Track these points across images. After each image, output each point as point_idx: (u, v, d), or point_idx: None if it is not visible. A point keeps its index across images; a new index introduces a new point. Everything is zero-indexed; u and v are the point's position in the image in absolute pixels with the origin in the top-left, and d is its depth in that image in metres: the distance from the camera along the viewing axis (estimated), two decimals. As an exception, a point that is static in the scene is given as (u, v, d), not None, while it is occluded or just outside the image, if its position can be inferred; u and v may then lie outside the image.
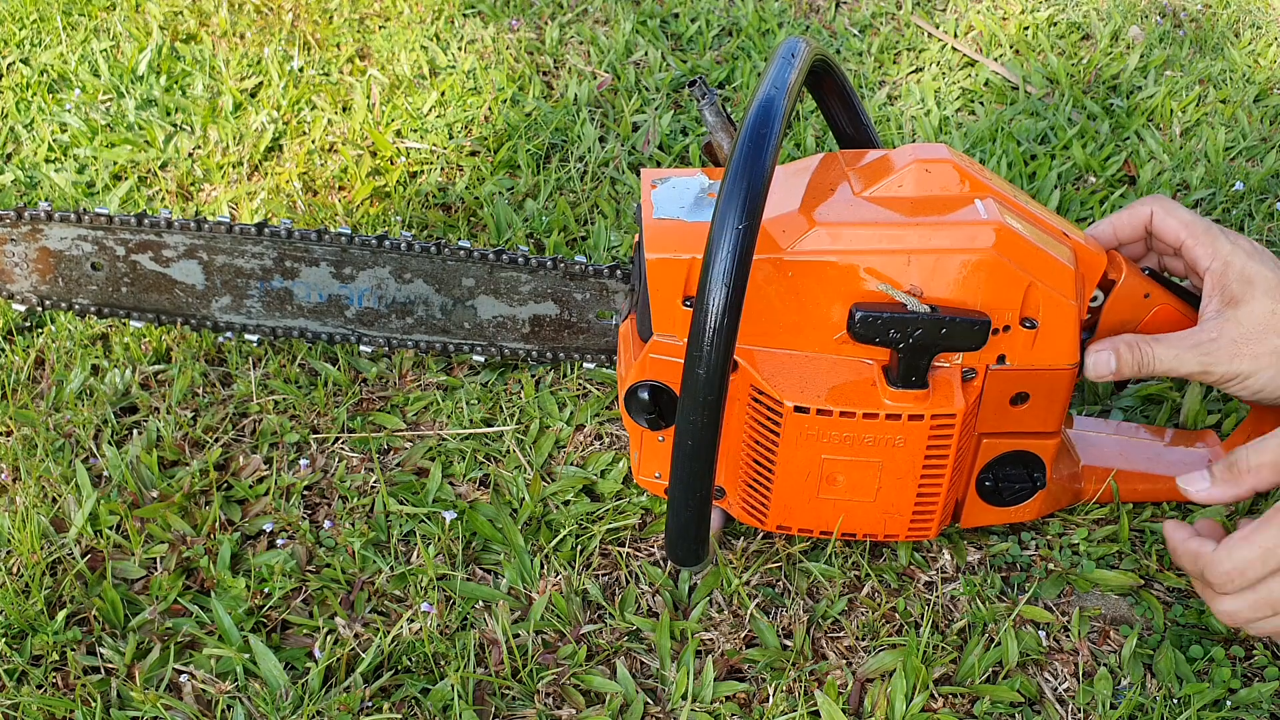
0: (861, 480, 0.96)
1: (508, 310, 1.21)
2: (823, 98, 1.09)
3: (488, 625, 1.00)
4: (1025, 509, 1.04)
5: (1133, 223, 1.01)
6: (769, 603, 1.03)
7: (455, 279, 1.20)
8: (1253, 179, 1.58)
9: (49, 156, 1.60)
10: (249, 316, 1.23)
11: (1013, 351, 0.94)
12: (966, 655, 0.97)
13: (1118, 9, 2.03)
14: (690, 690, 0.94)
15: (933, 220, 0.91)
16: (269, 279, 1.20)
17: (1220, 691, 0.95)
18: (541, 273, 1.19)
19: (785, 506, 0.98)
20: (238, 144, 1.62)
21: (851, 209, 0.93)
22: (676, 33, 1.95)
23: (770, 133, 0.82)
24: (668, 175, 1.02)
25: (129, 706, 0.93)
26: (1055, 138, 1.68)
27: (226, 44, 1.89)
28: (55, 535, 1.06)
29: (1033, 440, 1.00)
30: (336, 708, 0.92)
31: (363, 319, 1.23)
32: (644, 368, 0.96)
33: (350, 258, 1.19)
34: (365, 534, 1.07)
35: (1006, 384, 0.96)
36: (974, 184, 0.94)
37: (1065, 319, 0.93)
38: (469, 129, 1.68)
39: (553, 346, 1.23)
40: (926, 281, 0.91)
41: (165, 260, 1.20)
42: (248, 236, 1.19)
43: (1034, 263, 0.91)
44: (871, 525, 0.99)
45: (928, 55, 1.90)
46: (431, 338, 1.24)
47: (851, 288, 0.91)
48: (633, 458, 1.04)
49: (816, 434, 0.93)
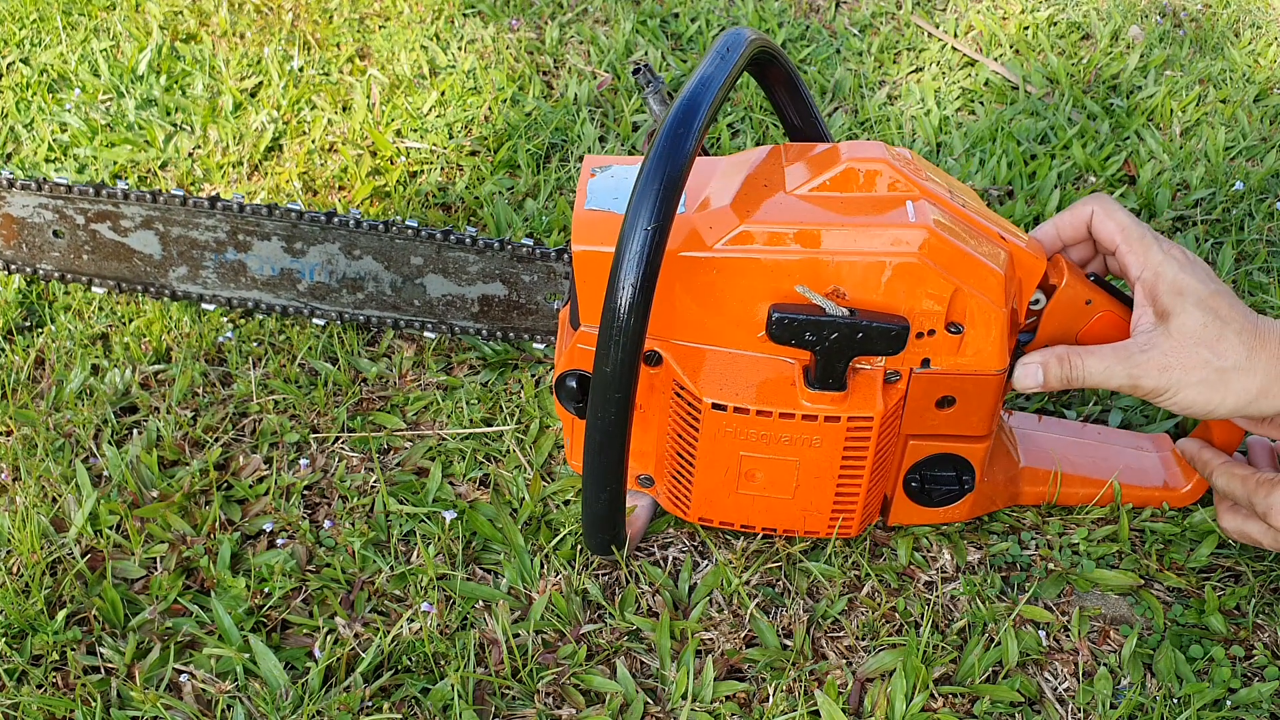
0: (779, 478, 0.96)
1: (456, 289, 1.23)
2: (770, 89, 1.09)
3: (488, 625, 1.00)
4: (954, 510, 1.05)
5: (1074, 223, 0.99)
6: (769, 602, 1.03)
7: (404, 257, 1.22)
8: (1253, 179, 1.58)
9: (49, 156, 1.60)
10: (205, 286, 1.28)
11: (938, 356, 0.94)
12: (966, 655, 0.97)
13: (1118, 9, 2.03)
14: (690, 690, 0.94)
15: (860, 222, 0.91)
16: (223, 251, 1.24)
17: (1220, 691, 0.95)
18: (489, 254, 1.21)
19: (706, 500, 0.99)
20: (238, 144, 1.62)
21: (781, 209, 0.92)
22: (676, 32, 1.95)
23: (688, 133, 0.82)
24: (609, 163, 1.01)
25: (129, 706, 0.93)
26: (1055, 137, 1.68)
27: (226, 44, 1.89)
28: (55, 535, 1.07)
29: (961, 444, 1.00)
30: (336, 707, 0.92)
31: (314, 293, 1.27)
32: (572, 357, 0.96)
33: (300, 233, 1.24)
34: (365, 534, 1.07)
35: (932, 387, 0.96)
36: (908, 185, 0.93)
37: (993, 324, 0.93)
38: (469, 129, 1.68)
39: (502, 326, 1.26)
40: (851, 284, 0.91)
41: (124, 230, 1.25)
42: (201, 209, 1.23)
43: (962, 268, 0.91)
44: (791, 521, 1.00)
45: (928, 55, 1.90)
46: (383, 314, 1.27)
47: (774, 287, 0.91)
48: (566, 444, 1.05)
49: (734, 431, 0.94)
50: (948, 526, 1.09)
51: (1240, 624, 1.02)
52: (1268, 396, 0.89)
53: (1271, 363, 0.89)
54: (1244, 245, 1.48)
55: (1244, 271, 1.43)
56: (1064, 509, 1.11)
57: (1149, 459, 1.13)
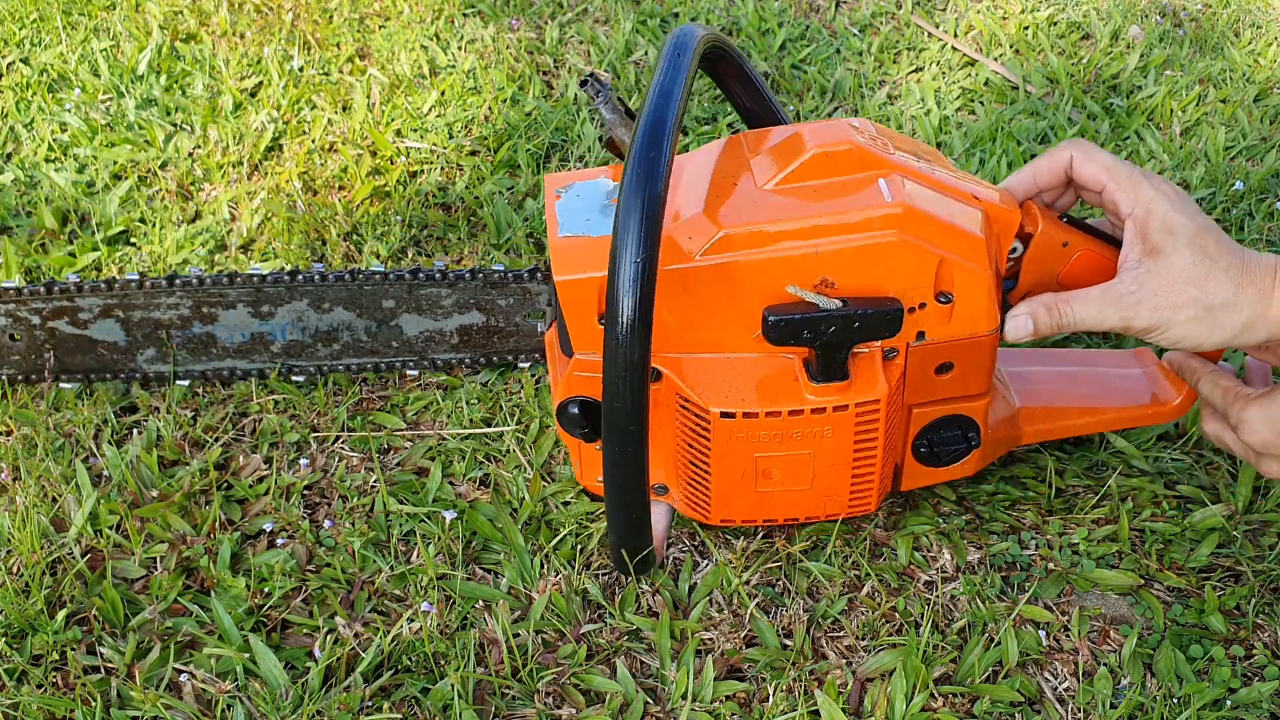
0: (796, 471, 0.97)
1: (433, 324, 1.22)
2: (723, 82, 1.09)
3: (488, 625, 1.00)
4: (964, 466, 1.05)
5: (1053, 169, 1.00)
6: (769, 602, 1.03)
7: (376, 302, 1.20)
8: (1253, 178, 1.58)
9: (49, 156, 1.60)
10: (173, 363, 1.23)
11: (931, 327, 0.94)
12: (966, 655, 0.97)
13: (1118, 8, 2.03)
14: (690, 690, 0.94)
15: (836, 208, 0.91)
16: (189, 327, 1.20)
17: (1220, 691, 0.95)
18: (460, 285, 1.19)
19: (725, 502, 0.99)
20: (238, 143, 1.62)
21: (755, 206, 0.92)
22: (676, 32, 1.95)
23: (659, 154, 0.82)
24: (570, 181, 1.01)
25: (129, 706, 0.93)
26: (1055, 137, 1.68)
27: (226, 43, 1.89)
28: (55, 535, 1.07)
29: (963, 403, 1.01)
30: (336, 707, 0.92)
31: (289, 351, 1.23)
32: (570, 385, 0.96)
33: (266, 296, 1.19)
34: (365, 533, 1.07)
35: (929, 357, 0.96)
36: (875, 162, 0.93)
37: (980, 287, 0.93)
38: (469, 128, 1.68)
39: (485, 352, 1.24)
40: (837, 273, 0.91)
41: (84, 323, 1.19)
42: (160, 289, 1.18)
43: (942, 237, 0.91)
44: (812, 509, 1.01)
45: (928, 55, 1.90)
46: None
47: (763, 287, 0.91)
48: (575, 466, 1.05)
49: (746, 435, 0.94)
50: (947, 525, 1.09)
51: (1240, 624, 1.02)
52: (1252, 329, 0.92)
53: (1257, 298, 0.91)
54: (1244, 245, 1.48)
55: (1244, 271, 1.43)
56: (1064, 508, 1.11)
57: (1135, 376, 1.14)
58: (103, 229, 1.45)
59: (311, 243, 1.44)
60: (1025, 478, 1.15)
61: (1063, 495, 1.13)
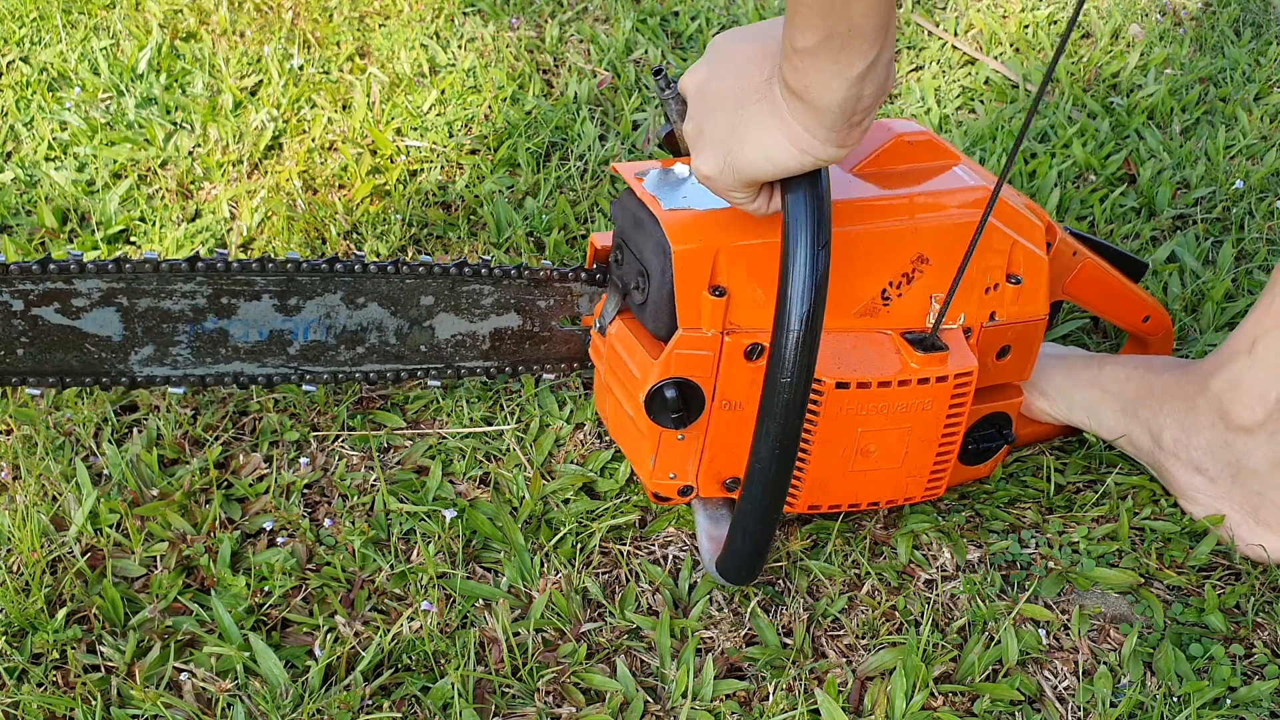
0: (892, 447, 0.98)
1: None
2: None
3: (488, 623, 1.00)
4: (989, 465, 1.09)
5: None
6: (769, 601, 1.03)
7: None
8: (1253, 177, 1.58)
9: (49, 155, 1.60)
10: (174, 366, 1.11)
11: (1001, 307, 0.99)
12: (966, 653, 0.98)
13: (1118, 7, 2.03)
14: (690, 688, 0.95)
15: (926, 190, 0.95)
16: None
17: (1220, 689, 0.95)
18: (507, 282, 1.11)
19: (819, 485, 0.99)
20: (238, 142, 1.62)
21: (848, 187, 0.95)
22: (676, 31, 1.95)
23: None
24: (646, 168, 1.01)
25: (129, 705, 0.93)
26: (1055, 136, 1.68)
27: (226, 42, 1.89)
28: (55, 533, 1.06)
29: (1003, 401, 1.05)
30: (336, 706, 0.92)
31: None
32: (668, 365, 0.93)
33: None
34: (365, 532, 1.07)
35: (995, 339, 1.01)
36: (947, 153, 0.99)
37: (1041, 272, 0.99)
38: (469, 127, 1.68)
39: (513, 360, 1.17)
40: (933, 250, 0.94)
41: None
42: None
43: (1014, 220, 0.96)
44: (894, 491, 1.01)
45: (928, 53, 1.90)
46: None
47: (861, 260, 0.94)
48: (645, 461, 1.00)
49: (855, 408, 0.94)
50: (947, 524, 1.09)
51: (1240, 622, 1.02)
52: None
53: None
54: (1244, 244, 1.48)
55: (1244, 270, 1.43)
56: (1064, 506, 1.11)
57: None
58: (103, 228, 1.45)
59: (311, 241, 1.44)
60: (1025, 476, 1.15)
61: (1063, 493, 1.13)
